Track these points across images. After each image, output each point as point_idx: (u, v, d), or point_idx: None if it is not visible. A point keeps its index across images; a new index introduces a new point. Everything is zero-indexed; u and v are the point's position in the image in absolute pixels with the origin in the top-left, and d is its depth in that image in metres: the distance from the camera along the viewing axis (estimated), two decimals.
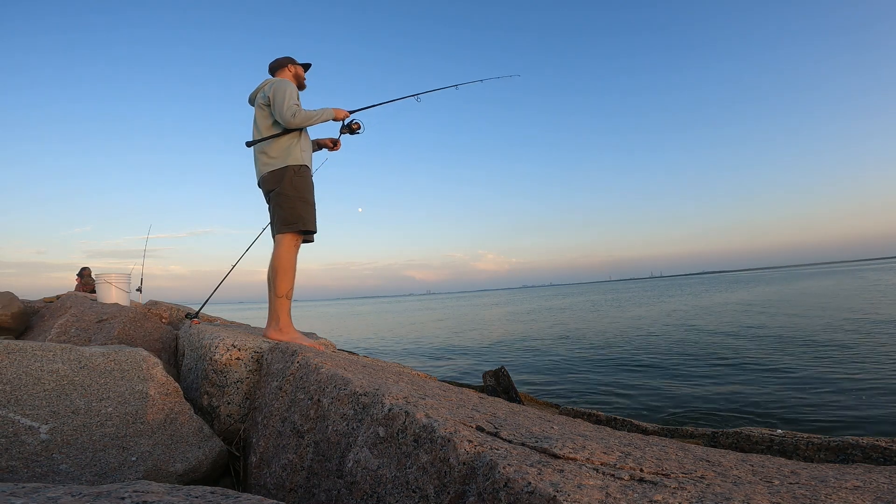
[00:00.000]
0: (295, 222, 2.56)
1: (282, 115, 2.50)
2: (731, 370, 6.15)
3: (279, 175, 2.57)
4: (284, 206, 2.55)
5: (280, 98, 2.52)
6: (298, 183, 2.59)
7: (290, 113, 2.50)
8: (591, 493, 0.72)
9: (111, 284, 4.79)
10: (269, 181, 2.60)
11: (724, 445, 2.02)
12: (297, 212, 2.56)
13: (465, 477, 0.85)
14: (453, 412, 1.15)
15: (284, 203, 2.55)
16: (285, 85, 2.57)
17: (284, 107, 2.50)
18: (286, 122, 2.52)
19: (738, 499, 0.79)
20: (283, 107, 2.50)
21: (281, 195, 2.55)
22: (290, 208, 2.55)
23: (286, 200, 2.55)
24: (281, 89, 2.54)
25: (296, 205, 2.56)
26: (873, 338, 7.69)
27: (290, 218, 2.55)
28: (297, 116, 2.51)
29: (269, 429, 1.65)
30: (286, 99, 2.52)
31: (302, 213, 2.57)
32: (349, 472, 1.11)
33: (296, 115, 2.51)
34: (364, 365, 2.12)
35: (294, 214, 2.55)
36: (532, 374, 6.94)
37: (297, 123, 2.53)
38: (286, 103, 2.51)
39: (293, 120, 2.51)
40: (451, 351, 10.39)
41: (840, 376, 5.35)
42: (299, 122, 2.54)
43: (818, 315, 11.73)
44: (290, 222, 2.55)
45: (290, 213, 2.55)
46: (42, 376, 1.69)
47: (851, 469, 1.32)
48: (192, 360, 2.49)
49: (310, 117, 2.57)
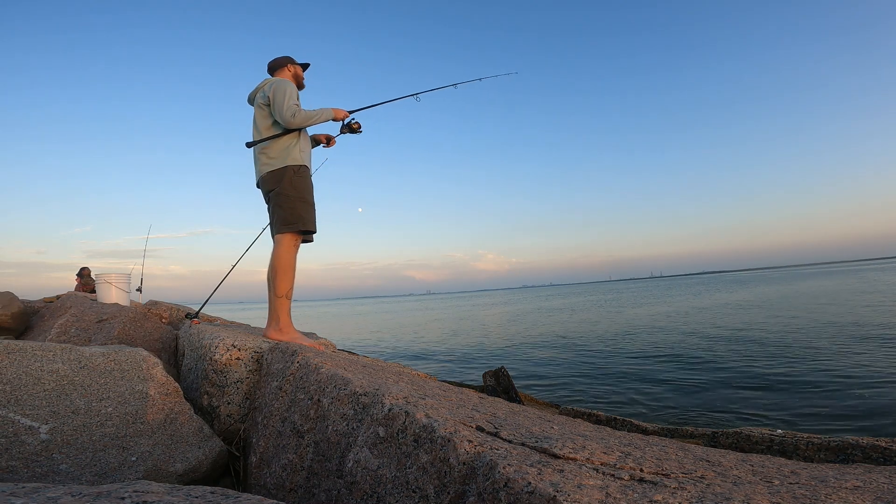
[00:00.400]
0: (295, 222, 2.56)
1: (282, 115, 2.50)
2: (731, 370, 6.15)
3: (279, 175, 2.57)
4: (284, 205, 2.55)
5: (280, 98, 2.51)
6: (298, 183, 2.59)
7: (290, 113, 2.50)
8: (591, 493, 0.72)
9: (111, 284, 4.79)
10: (268, 181, 2.60)
11: (724, 445, 2.02)
12: (296, 212, 2.56)
13: (465, 477, 0.85)
14: (453, 412, 1.15)
15: (284, 203, 2.55)
16: (285, 85, 2.56)
17: (284, 107, 2.50)
18: (286, 122, 2.51)
19: (738, 499, 0.79)
20: (283, 107, 2.50)
21: (281, 195, 2.55)
22: (290, 208, 2.55)
23: (286, 200, 2.55)
24: (281, 89, 2.54)
25: (296, 205, 2.56)
26: (874, 337, 7.69)
27: (289, 218, 2.55)
28: (297, 116, 2.51)
29: (269, 429, 1.65)
30: (286, 99, 2.51)
31: (302, 213, 2.58)
32: (349, 472, 1.11)
33: (296, 115, 2.51)
34: (364, 365, 2.12)
35: (294, 214, 2.55)
36: (532, 374, 6.94)
37: (297, 123, 2.53)
38: (286, 103, 2.50)
39: (293, 120, 2.51)
40: (451, 351, 10.39)
41: (840, 376, 5.35)
42: (299, 123, 2.54)
43: (819, 315, 11.73)
44: (289, 222, 2.55)
45: (289, 213, 2.55)
46: (42, 376, 1.69)
47: (851, 469, 1.32)
48: (192, 360, 2.49)
49: (310, 117, 2.57)
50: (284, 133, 2.59)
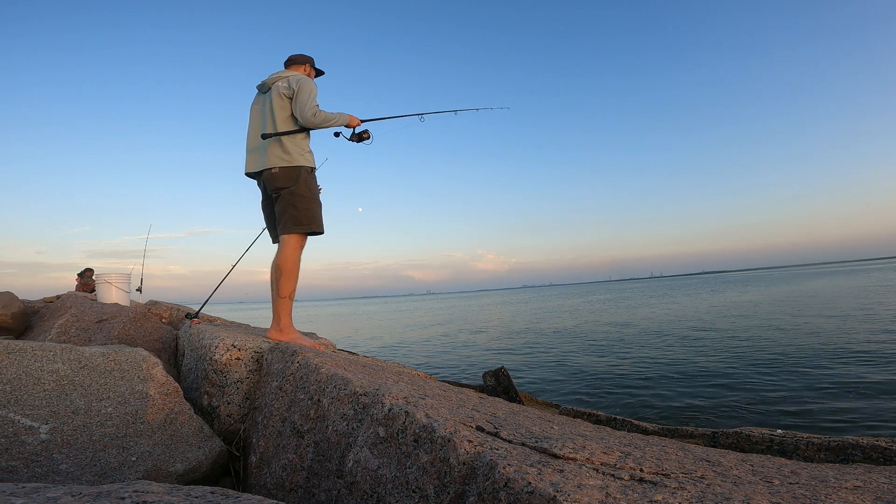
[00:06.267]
0: (308, 224, 2.55)
1: (303, 112, 2.51)
2: (731, 370, 6.15)
3: (294, 174, 2.54)
4: (300, 206, 2.52)
5: (304, 95, 2.52)
6: (312, 184, 2.61)
7: (311, 112, 2.51)
8: (591, 493, 0.72)
9: (111, 284, 4.79)
10: (279, 178, 2.53)
11: (724, 445, 2.02)
12: (311, 213, 2.56)
13: (465, 477, 0.85)
14: (453, 412, 1.15)
15: (300, 203, 2.53)
16: (311, 84, 2.58)
17: (307, 105, 2.51)
18: (306, 120, 2.52)
19: (738, 499, 0.79)
20: (307, 105, 2.51)
21: (296, 195, 2.53)
22: (306, 209, 2.54)
23: (301, 201, 2.53)
24: (307, 87, 2.54)
25: (311, 206, 2.56)
26: (876, 337, 7.68)
27: (303, 219, 2.54)
28: (317, 117, 2.53)
29: (269, 429, 1.65)
30: (310, 98, 2.53)
31: (316, 214, 2.59)
32: (349, 472, 1.11)
33: (316, 115, 2.52)
34: (364, 365, 2.12)
35: (308, 216, 2.55)
36: (532, 374, 6.94)
37: (316, 124, 2.55)
38: (309, 102, 2.52)
39: (313, 119, 2.52)
40: (451, 351, 10.39)
41: (841, 376, 5.35)
42: (318, 123, 2.55)
43: (819, 315, 11.73)
44: (302, 223, 2.54)
45: (304, 214, 2.54)
46: (42, 376, 1.69)
47: (851, 469, 1.32)
48: (192, 360, 2.49)
49: (328, 119, 2.58)
50: (300, 130, 2.59)
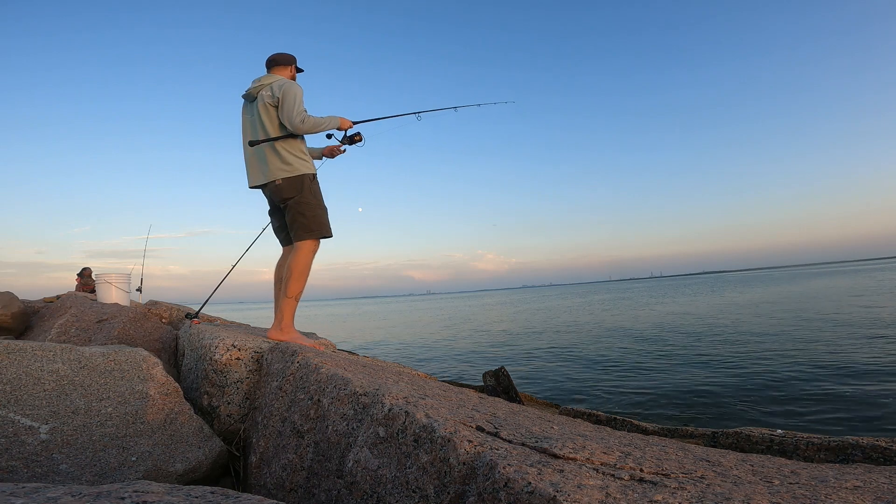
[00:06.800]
0: (318, 229, 2.59)
1: (291, 119, 2.46)
2: (731, 370, 6.15)
3: (297, 183, 2.54)
4: (308, 213, 2.56)
5: (290, 102, 2.47)
6: (316, 190, 2.63)
7: (299, 119, 2.46)
8: (591, 493, 0.72)
9: (111, 284, 4.79)
10: (284, 189, 2.54)
11: (724, 445, 2.02)
12: (319, 219, 2.59)
13: (465, 477, 0.85)
14: (453, 412, 1.15)
15: (307, 211, 2.56)
16: (295, 88, 2.52)
17: (294, 112, 2.46)
18: (294, 126, 2.48)
19: (738, 499, 0.79)
20: (293, 111, 2.46)
21: (303, 203, 2.55)
22: (314, 216, 2.57)
23: (309, 209, 2.56)
24: (291, 92, 2.49)
25: (318, 212, 2.59)
26: (877, 337, 7.68)
27: (313, 225, 2.57)
28: (305, 123, 2.48)
29: (269, 429, 1.65)
30: (296, 103, 2.48)
31: (324, 220, 2.62)
32: (349, 472, 1.11)
33: (304, 121, 2.48)
34: (364, 365, 2.12)
35: (317, 222, 2.58)
36: (532, 374, 6.94)
37: (305, 129, 2.51)
38: (296, 108, 2.47)
39: (302, 126, 2.48)
40: (451, 351, 10.39)
41: (841, 376, 5.35)
42: (307, 129, 2.52)
43: (819, 315, 11.73)
44: (313, 230, 2.57)
45: (313, 220, 2.57)
46: (42, 376, 1.69)
47: (851, 469, 1.32)
48: (192, 360, 2.49)
49: (318, 124, 2.55)
50: (290, 136, 2.56)
